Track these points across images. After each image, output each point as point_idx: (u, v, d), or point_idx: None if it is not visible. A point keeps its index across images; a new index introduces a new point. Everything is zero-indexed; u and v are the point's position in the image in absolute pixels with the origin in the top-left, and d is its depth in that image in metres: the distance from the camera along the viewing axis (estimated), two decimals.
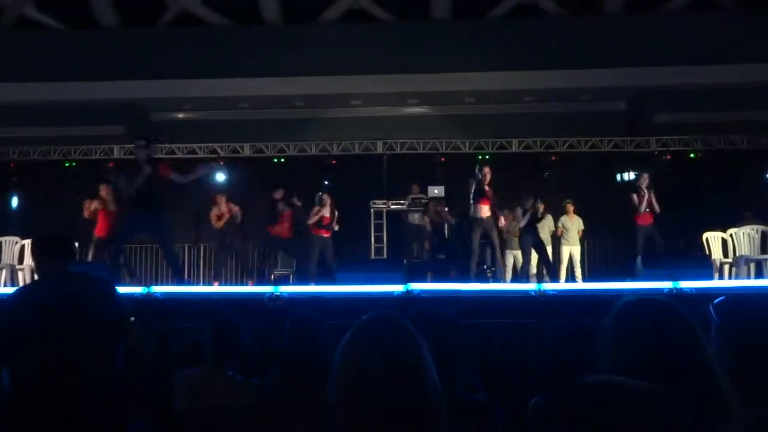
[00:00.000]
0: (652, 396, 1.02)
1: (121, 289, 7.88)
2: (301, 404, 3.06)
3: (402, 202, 14.10)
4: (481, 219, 10.40)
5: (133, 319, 3.21)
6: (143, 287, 7.27)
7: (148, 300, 6.89)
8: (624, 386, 1.04)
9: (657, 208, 10.85)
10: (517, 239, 12.23)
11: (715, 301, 2.41)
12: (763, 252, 10.21)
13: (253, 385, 3.57)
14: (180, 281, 8.91)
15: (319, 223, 11.37)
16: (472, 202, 10.47)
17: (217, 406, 3.49)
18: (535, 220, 11.20)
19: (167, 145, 13.97)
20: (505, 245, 12.19)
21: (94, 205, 11.35)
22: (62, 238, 3.35)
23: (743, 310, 2.36)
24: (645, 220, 10.91)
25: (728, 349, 2.12)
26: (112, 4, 14.44)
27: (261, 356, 4.78)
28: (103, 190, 11.33)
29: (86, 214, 11.42)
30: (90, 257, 11.14)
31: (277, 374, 3.50)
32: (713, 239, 10.72)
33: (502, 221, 11.72)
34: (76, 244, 10.89)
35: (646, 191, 10.96)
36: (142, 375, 3.28)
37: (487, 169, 10.52)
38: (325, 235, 11.38)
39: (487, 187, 10.38)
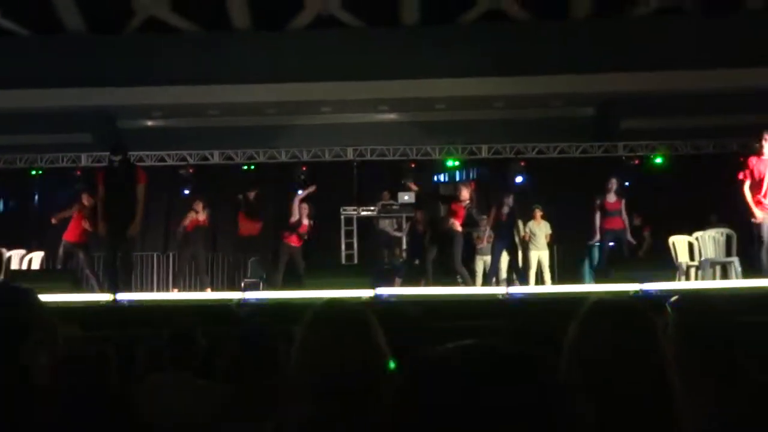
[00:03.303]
0: (522, 358, 1.00)
1: (89, 296, 7.85)
2: (259, 410, 3.04)
3: (372, 208, 14.10)
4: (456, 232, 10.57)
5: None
6: (109, 294, 7.20)
7: (114, 307, 6.83)
8: (487, 348, 1.01)
9: (625, 217, 10.96)
10: (488, 246, 12.30)
11: (671, 299, 2.49)
12: (728, 255, 10.32)
13: (216, 387, 3.54)
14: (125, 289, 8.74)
15: (294, 229, 11.33)
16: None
17: (179, 411, 3.45)
18: (510, 225, 11.30)
19: (136, 153, 13.83)
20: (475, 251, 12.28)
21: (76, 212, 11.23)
22: None
23: (696, 307, 2.45)
24: (614, 224, 11.00)
25: (682, 342, 2.16)
26: (78, 10, 14.28)
27: (227, 362, 4.73)
28: (85, 199, 11.23)
29: (55, 220, 11.30)
30: (59, 261, 11.03)
31: (238, 379, 3.48)
32: (679, 243, 10.84)
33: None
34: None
35: (615, 196, 11.05)
36: (97, 386, 3.21)
37: (462, 187, 10.71)
38: (295, 245, 11.34)
39: (456, 205, 10.57)
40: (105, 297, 7.13)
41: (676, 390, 1.82)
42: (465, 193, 10.74)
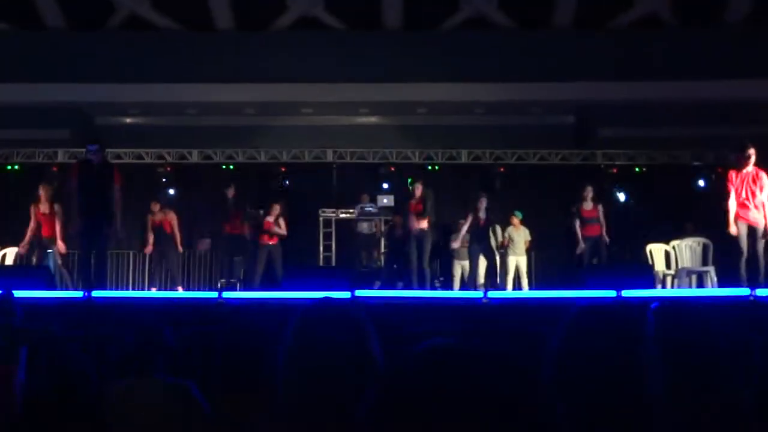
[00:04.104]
0: (476, 356, 0.99)
1: (64, 294, 7.76)
2: (239, 414, 3.01)
3: (351, 211, 14.08)
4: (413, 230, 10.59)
5: None
6: (83, 292, 7.13)
7: (89, 305, 6.75)
8: (446, 348, 1.01)
9: (603, 222, 11.03)
10: (465, 250, 12.33)
11: (652, 306, 2.51)
12: (704, 264, 10.42)
13: (187, 387, 3.50)
14: (99, 287, 8.63)
15: (261, 229, 11.39)
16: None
17: (148, 412, 3.41)
18: (486, 228, 11.32)
19: (114, 150, 13.71)
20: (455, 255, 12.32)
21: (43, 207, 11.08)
22: None
23: (676, 313, 2.48)
24: (591, 231, 11.07)
25: (661, 348, 2.17)
26: (58, 5, 14.14)
27: (202, 363, 4.70)
28: (42, 190, 11.06)
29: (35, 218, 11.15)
30: (35, 259, 10.89)
31: (217, 382, 3.45)
32: (656, 251, 10.92)
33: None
34: None
35: (591, 203, 11.13)
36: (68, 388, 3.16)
37: (417, 185, 10.73)
38: (270, 242, 11.31)
39: (414, 203, 10.58)
40: (79, 294, 7.05)
41: (657, 396, 1.83)
42: (419, 191, 10.73)
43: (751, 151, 8.55)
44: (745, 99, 13.59)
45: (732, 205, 8.61)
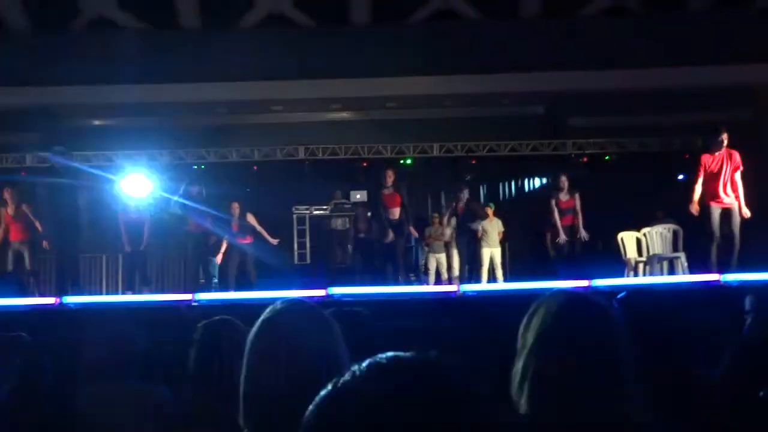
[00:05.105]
0: (436, 366, 0.99)
1: (36, 300, 7.67)
2: (212, 417, 2.99)
3: (324, 207, 14.07)
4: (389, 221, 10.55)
5: None
6: (56, 297, 7.06)
7: (60, 311, 6.69)
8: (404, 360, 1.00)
9: (579, 213, 11.07)
10: (440, 243, 12.37)
11: (618, 296, 2.53)
12: (674, 250, 10.53)
13: (160, 392, 3.48)
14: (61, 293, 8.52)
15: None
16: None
17: (120, 420, 3.38)
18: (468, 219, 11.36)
19: (82, 153, 13.57)
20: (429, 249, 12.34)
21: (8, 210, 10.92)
22: None
23: (643, 302, 2.50)
24: (565, 221, 11.12)
25: (631, 335, 2.19)
26: (23, 7, 13.96)
27: (173, 366, 4.67)
28: (7, 193, 10.92)
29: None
30: (11, 265, 10.71)
31: (191, 386, 3.41)
32: (628, 239, 11.02)
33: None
34: None
35: (567, 194, 11.14)
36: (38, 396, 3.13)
37: (389, 172, 10.62)
38: (242, 242, 11.20)
39: (386, 192, 10.48)
40: (51, 300, 6.98)
41: (630, 383, 1.85)
42: (390, 178, 10.63)
43: (724, 136, 8.66)
44: (711, 85, 13.76)
45: (698, 187, 8.72)
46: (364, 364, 0.97)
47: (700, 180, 8.74)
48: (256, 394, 1.71)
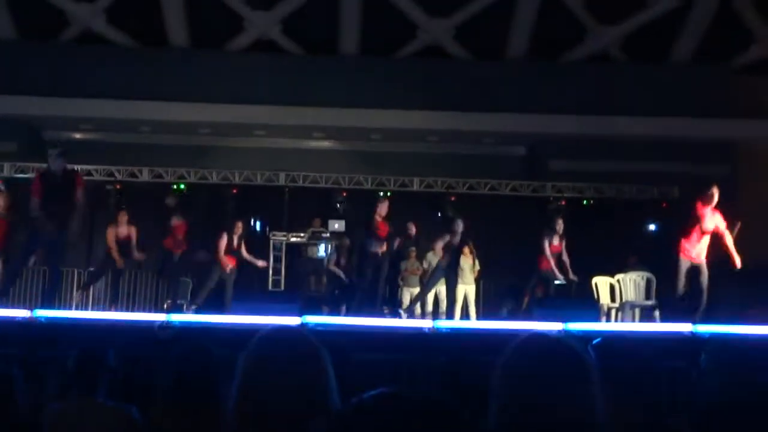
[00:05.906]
0: (431, 404, 1.00)
1: (6, 311, 7.53)
2: None
3: (302, 235, 14.03)
4: (374, 253, 10.47)
5: None
6: (27, 311, 6.96)
7: (32, 325, 6.59)
8: (400, 397, 1.01)
9: (565, 258, 11.05)
10: (415, 277, 12.35)
11: (593, 342, 2.53)
12: (647, 297, 10.61)
13: (128, 411, 3.44)
14: (49, 305, 8.32)
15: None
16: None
17: None
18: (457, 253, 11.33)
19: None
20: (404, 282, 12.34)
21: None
22: None
23: (617, 350, 2.51)
24: (548, 264, 11.07)
25: (604, 381, 2.20)
26: (10, 16, 13.91)
27: (144, 386, 4.62)
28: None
29: None
30: None
31: (162, 406, 3.37)
32: (602, 284, 11.09)
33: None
34: None
35: (559, 239, 11.09)
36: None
37: (383, 203, 10.57)
38: (231, 265, 10.86)
39: (379, 220, 10.42)
40: (23, 313, 6.88)
41: (603, 428, 1.85)
42: (383, 209, 10.56)
43: (715, 191, 8.74)
44: (689, 137, 13.98)
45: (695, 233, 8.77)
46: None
47: (699, 225, 8.78)
48: (248, 415, 1.71)
